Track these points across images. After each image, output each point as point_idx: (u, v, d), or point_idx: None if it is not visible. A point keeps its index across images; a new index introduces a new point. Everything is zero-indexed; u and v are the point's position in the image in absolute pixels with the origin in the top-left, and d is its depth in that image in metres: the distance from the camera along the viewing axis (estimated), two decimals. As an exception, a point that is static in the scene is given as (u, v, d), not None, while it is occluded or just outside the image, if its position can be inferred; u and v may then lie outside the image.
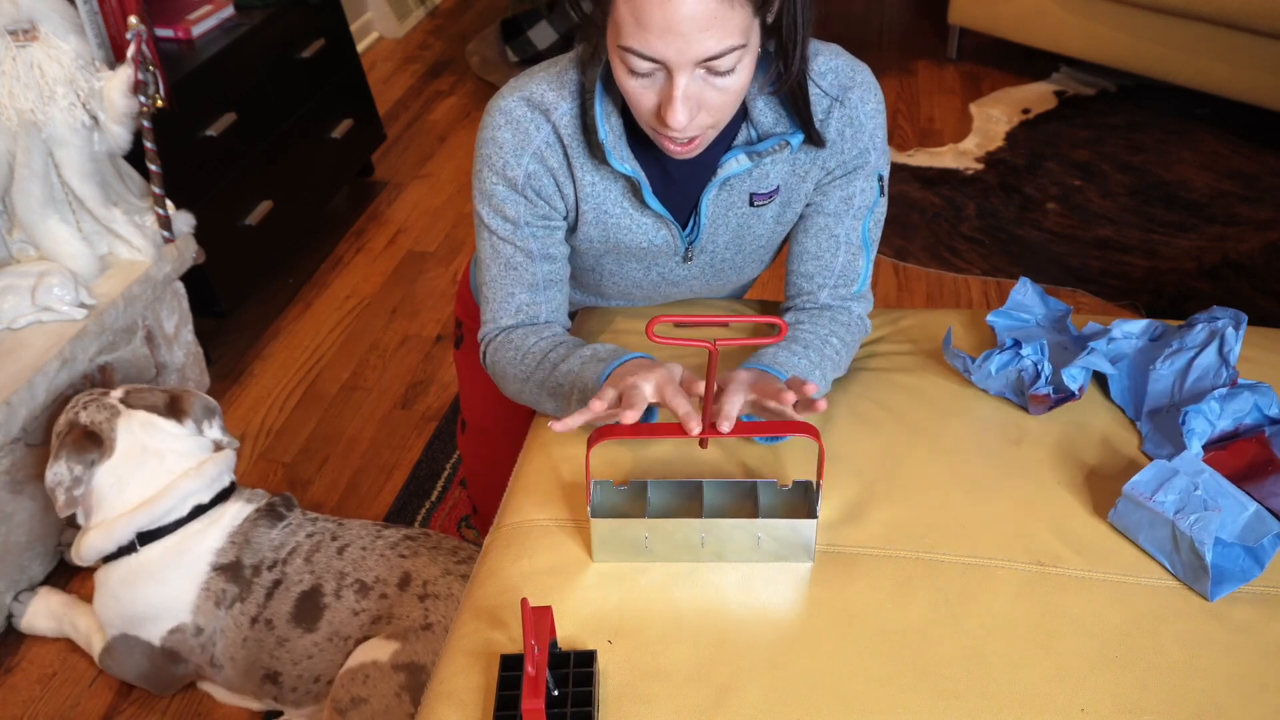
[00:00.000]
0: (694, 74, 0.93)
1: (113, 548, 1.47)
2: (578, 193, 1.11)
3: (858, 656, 0.91)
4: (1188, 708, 0.86)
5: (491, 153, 1.10)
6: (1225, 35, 2.86)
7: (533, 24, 3.51)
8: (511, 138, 1.08)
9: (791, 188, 1.14)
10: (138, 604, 1.47)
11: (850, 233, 1.17)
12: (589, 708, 0.86)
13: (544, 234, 1.13)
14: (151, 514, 1.46)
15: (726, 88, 0.95)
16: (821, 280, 1.18)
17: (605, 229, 1.14)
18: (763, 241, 1.20)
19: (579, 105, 1.07)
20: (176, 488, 1.47)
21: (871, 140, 1.12)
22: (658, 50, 0.90)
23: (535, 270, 1.14)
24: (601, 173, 1.10)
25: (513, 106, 1.08)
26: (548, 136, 1.08)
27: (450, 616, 1.38)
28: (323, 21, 2.62)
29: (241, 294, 2.34)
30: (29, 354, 1.65)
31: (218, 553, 1.47)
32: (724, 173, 1.09)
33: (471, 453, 1.59)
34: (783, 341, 1.12)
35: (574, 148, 1.09)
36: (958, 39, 3.53)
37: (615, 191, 1.11)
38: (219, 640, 1.47)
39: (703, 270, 1.22)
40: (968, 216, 2.73)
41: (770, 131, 1.08)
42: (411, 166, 3.07)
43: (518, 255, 1.13)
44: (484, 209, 1.13)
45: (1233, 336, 1.14)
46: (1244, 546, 0.97)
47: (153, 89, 1.73)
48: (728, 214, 1.15)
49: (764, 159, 1.09)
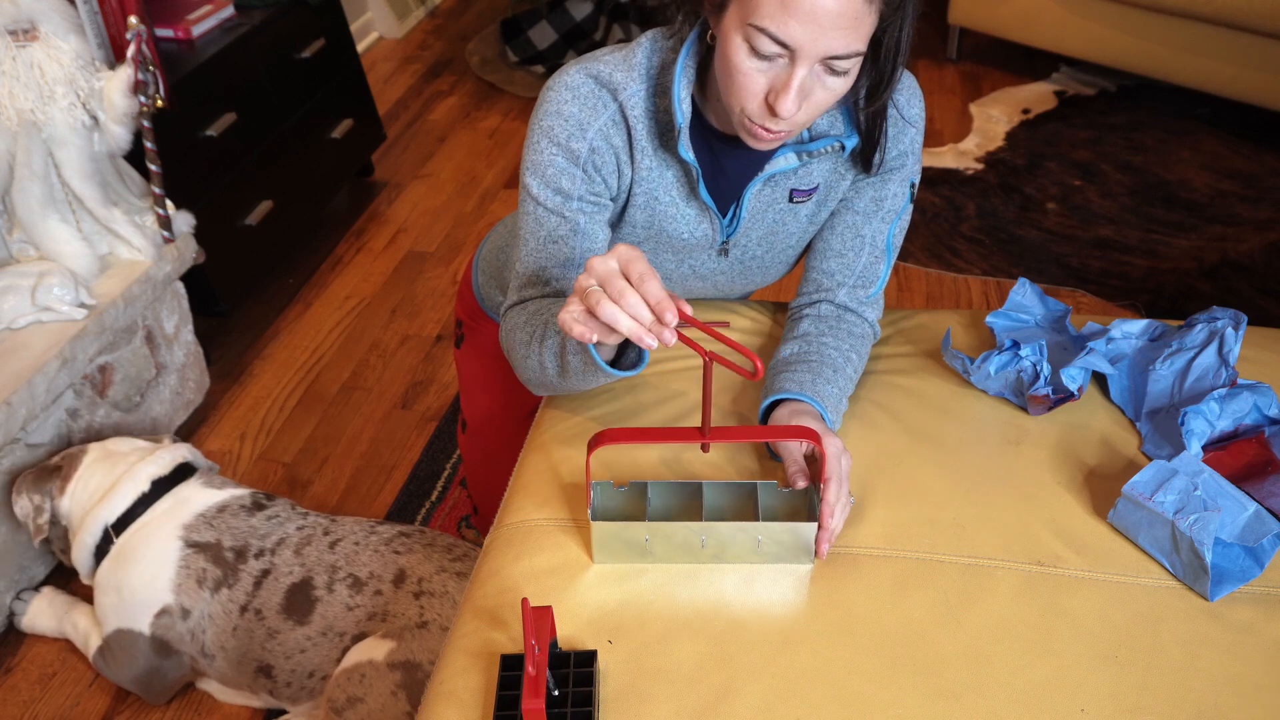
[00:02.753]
0: (814, 68, 0.93)
1: (92, 544, 1.53)
2: (635, 175, 1.11)
3: (858, 656, 0.91)
4: (1188, 708, 0.87)
5: (554, 124, 1.07)
6: (1225, 35, 2.86)
7: (533, 24, 3.51)
8: (578, 111, 1.07)
9: (830, 186, 1.15)
10: (123, 590, 1.49)
11: (876, 234, 1.17)
12: (589, 708, 0.86)
13: (592, 210, 1.11)
14: (114, 502, 1.53)
15: (834, 89, 0.95)
16: (842, 278, 1.19)
17: (652, 215, 1.14)
18: (793, 240, 1.20)
19: (648, 89, 1.07)
20: (132, 471, 1.56)
21: (912, 145, 1.13)
22: (793, 35, 0.90)
23: (574, 245, 1.11)
24: (659, 158, 1.10)
25: (579, 82, 1.07)
26: (614, 115, 1.07)
27: (446, 615, 1.38)
28: (323, 21, 2.62)
29: (241, 294, 2.34)
30: (29, 354, 1.65)
31: (187, 527, 1.50)
32: (772, 168, 1.09)
33: (471, 453, 1.59)
34: (814, 364, 1.12)
35: (638, 130, 1.08)
36: (958, 39, 3.53)
37: (668, 179, 1.11)
38: (208, 628, 1.47)
39: (732, 266, 1.22)
40: (968, 216, 2.73)
41: (823, 133, 1.09)
42: (411, 166, 3.07)
43: (562, 228, 1.10)
44: (534, 181, 1.09)
45: (1232, 337, 1.15)
46: (1244, 546, 0.97)
47: (153, 89, 1.73)
48: (767, 209, 1.15)
49: (813, 159, 1.10)
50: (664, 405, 1.18)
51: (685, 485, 1.02)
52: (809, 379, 1.10)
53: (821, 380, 1.10)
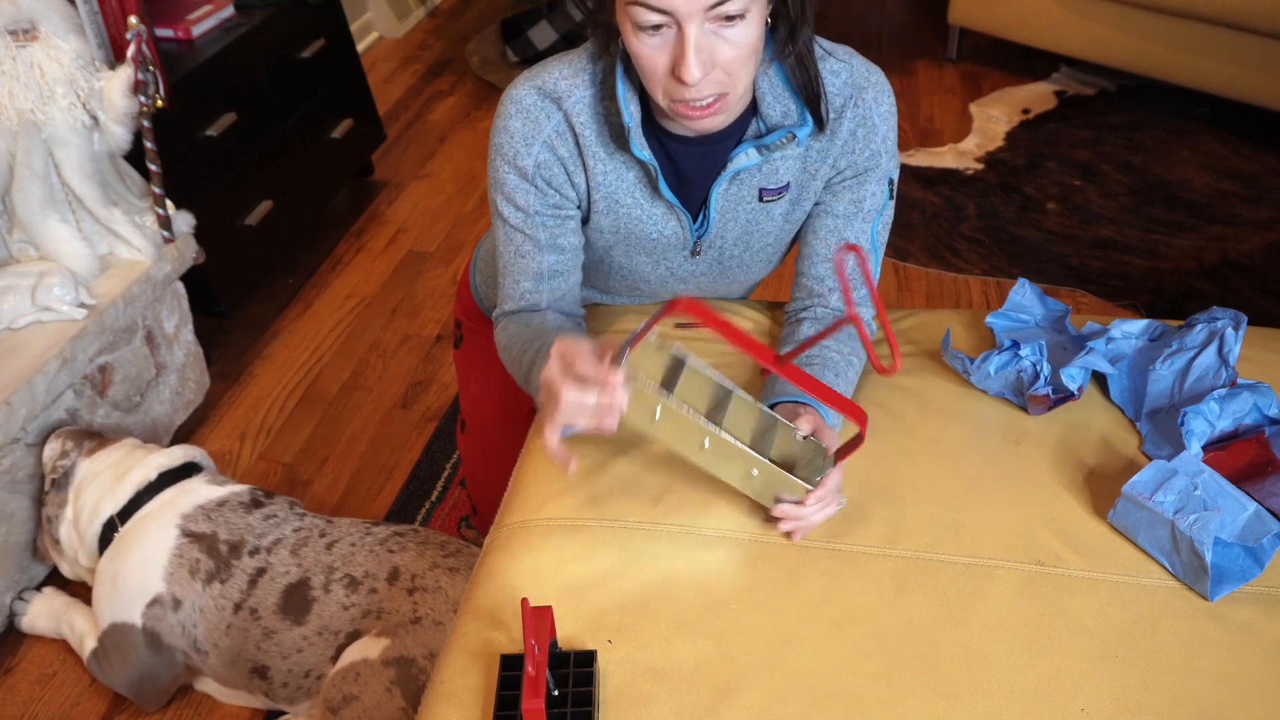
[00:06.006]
0: (704, 26, 0.93)
1: (98, 529, 1.56)
2: (589, 181, 1.12)
3: (858, 656, 0.91)
4: (1188, 708, 0.87)
5: (503, 142, 1.10)
6: (1225, 35, 2.86)
7: (533, 24, 3.51)
8: (522, 127, 1.09)
9: (802, 185, 1.15)
10: (118, 578, 1.50)
11: (859, 236, 1.17)
12: (589, 708, 0.86)
13: (554, 224, 1.14)
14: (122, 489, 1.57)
15: (738, 40, 0.95)
16: (833, 283, 1.19)
17: (616, 218, 1.15)
18: (771, 239, 1.20)
19: (595, 93, 1.08)
20: (143, 462, 1.59)
21: (884, 143, 1.12)
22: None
23: (542, 260, 1.15)
24: (615, 161, 1.10)
25: (524, 95, 1.09)
26: (558, 125, 1.08)
27: (439, 609, 1.39)
28: (323, 21, 2.62)
29: (241, 294, 2.34)
30: (29, 354, 1.65)
31: (185, 517, 1.52)
32: (734, 166, 1.09)
33: (471, 453, 1.59)
34: (816, 367, 1.12)
35: (586, 136, 1.09)
36: (958, 39, 3.53)
37: (628, 180, 1.12)
38: (199, 622, 1.47)
39: (710, 266, 1.22)
40: (968, 216, 2.73)
41: (778, 124, 1.09)
42: (411, 166, 3.07)
43: (526, 244, 1.15)
44: (497, 198, 1.14)
45: (1232, 337, 1.15)
46: (1244, 546, 0.97)
47: (153, 89, 1.73)
48: (737, 209, 1.15)
49: (773, 153, 1.09)
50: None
51: (720, 385, 1.00)
52: None
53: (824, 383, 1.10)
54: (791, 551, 1.01)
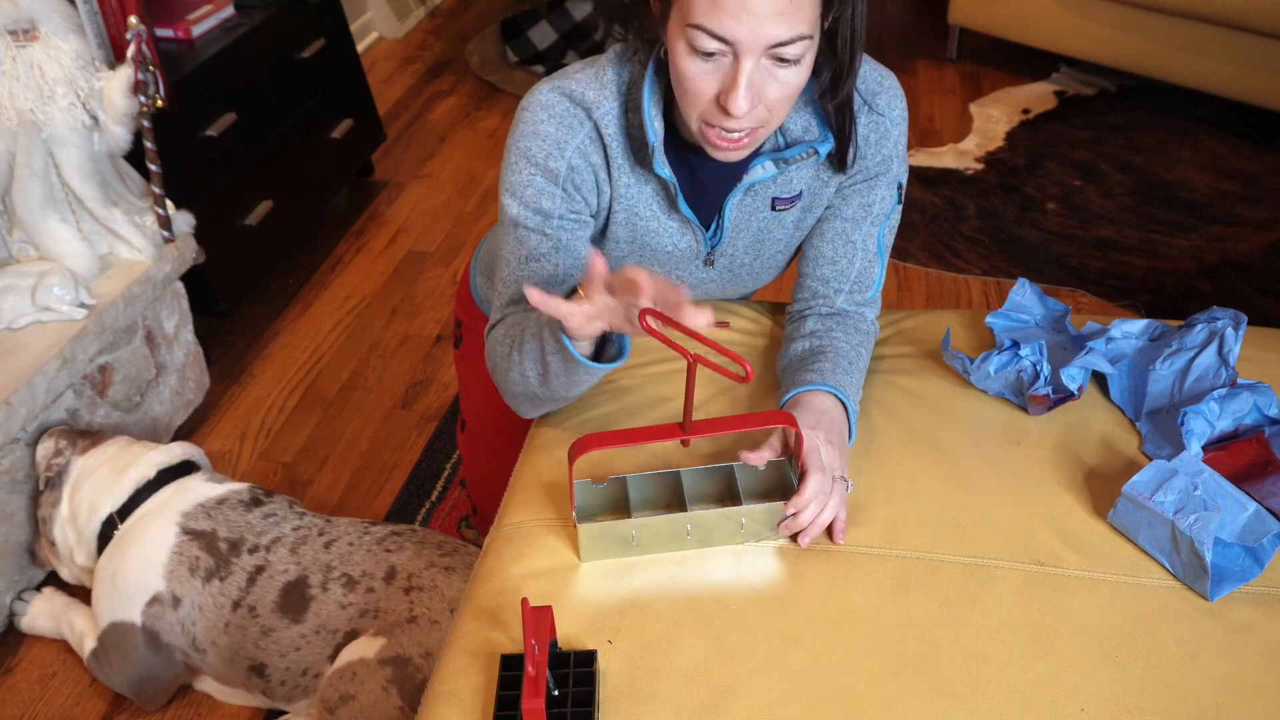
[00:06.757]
0: (760, 62, 0.93)
1: (97, 524, 1.56)
2: (613, 192, 1.11)
3: (858, 656, 0.91)
4: (1188, 708, 0.87)
5: (531, 145, 1.07)
6: (1225, 35, 2.86)
7: (533, 24, 3.51)
8: (555, 130, 1.06)
9: (814, 193, 1.15)
10: (117, 577, 1.50)
11: (867, 239, 1.17)
12: (589, 708, 0.86)
13: (574, 227, 1.11)
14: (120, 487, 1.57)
15: (787, 81, 0.94)
16: (838, 285, 1.19)
17: (634, 231, 1.14)
18: (780, 246, 1.20)
19: (621, 105, 1.07)
20: (141, 459, 1.59)
21: (896, 148, 1.12)
22: (729, 29, 0.90)
23: (556, 262, 1.10)
24: (636, 175, 1.10)
25: (554, 101, 1.07)
26: (590, 133, 1.07)
27: (435, 608, 1.39)
28: (323, 21, 2.62)
29: (241, 294, 2.34)
30: (29, 354, 1.65)
31: (185, 515, 1.52)
32: (750, 178, 1.09)
33: (471, 453, 1.59)
34: (830, 355, 1.12)
35: (614, 148, 1.08)
36: (958, 39, 3.53)
37: (647, 195, 1.11)
38: (198, 619, 1.47)
39: (720, 275, 1.22)
40: (968, 216, 2.73)
41: (798, 139, 1.09)
42: (411, 166, 3.07)
43: (543, 245, 1.10)
44: (513, 202, 1.09)
45: (1232, 337, 1.14)
46: (1244, 546, 0.97)
47: (153, 89, 1.73)
48: (750, 219, 1.15)
49: (790, 166, 1.09)
50: (667, 405, 1.19)
51: (664, 475, 1.02)
52: (829, 368, 1.10)
53: (840, 371, 1.10)
54: (791, 551, 1.01)
